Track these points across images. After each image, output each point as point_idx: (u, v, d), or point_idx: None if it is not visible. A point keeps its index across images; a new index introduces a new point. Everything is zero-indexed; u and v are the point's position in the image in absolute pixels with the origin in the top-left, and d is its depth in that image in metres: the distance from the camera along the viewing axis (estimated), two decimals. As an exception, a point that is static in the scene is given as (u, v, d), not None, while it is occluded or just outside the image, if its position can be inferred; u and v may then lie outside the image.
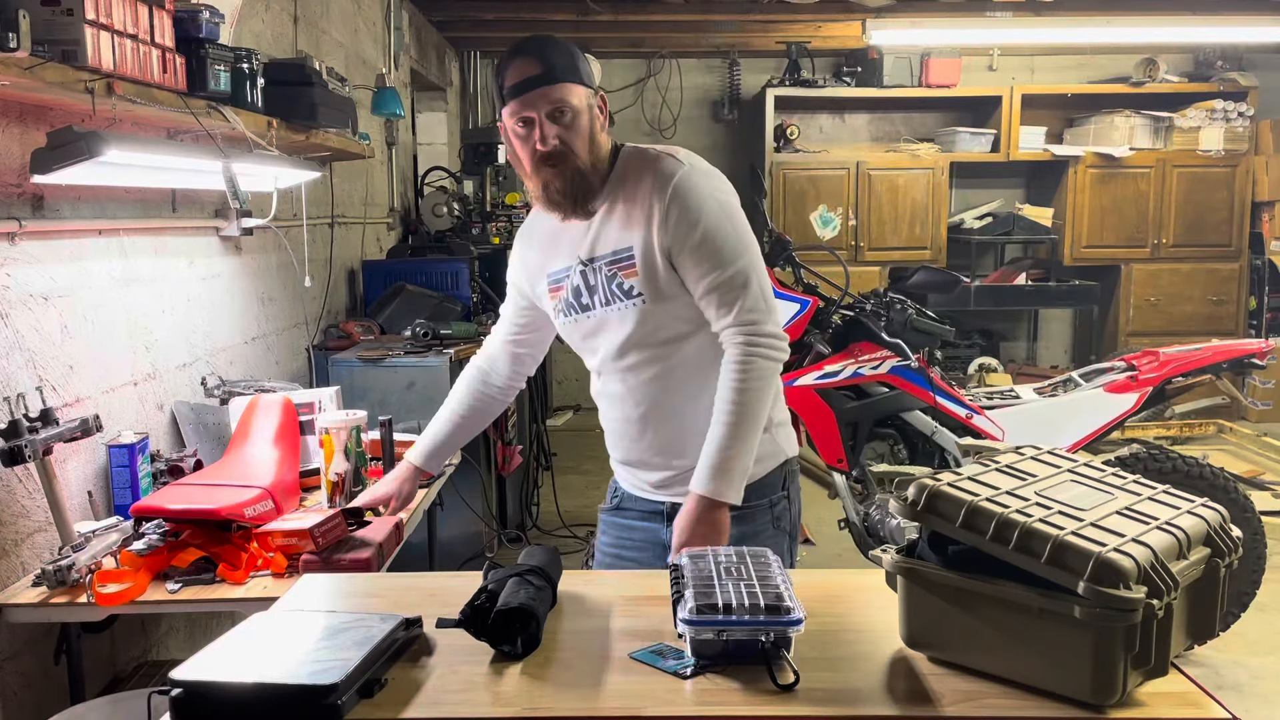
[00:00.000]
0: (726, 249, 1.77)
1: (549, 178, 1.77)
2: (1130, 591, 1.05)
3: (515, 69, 1.74)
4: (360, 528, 2.12)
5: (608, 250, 1.82)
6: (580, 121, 1.76)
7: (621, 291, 1.81)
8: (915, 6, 5.81)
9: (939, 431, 3.67)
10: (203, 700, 1.09)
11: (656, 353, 1.83)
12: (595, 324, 1.87)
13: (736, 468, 1.72)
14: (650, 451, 1.89)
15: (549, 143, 1.74)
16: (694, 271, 1.77)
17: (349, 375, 3.46)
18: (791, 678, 1.16)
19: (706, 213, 1.77)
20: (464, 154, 6.15)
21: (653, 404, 1.86)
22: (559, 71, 1.74)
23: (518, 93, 1.73)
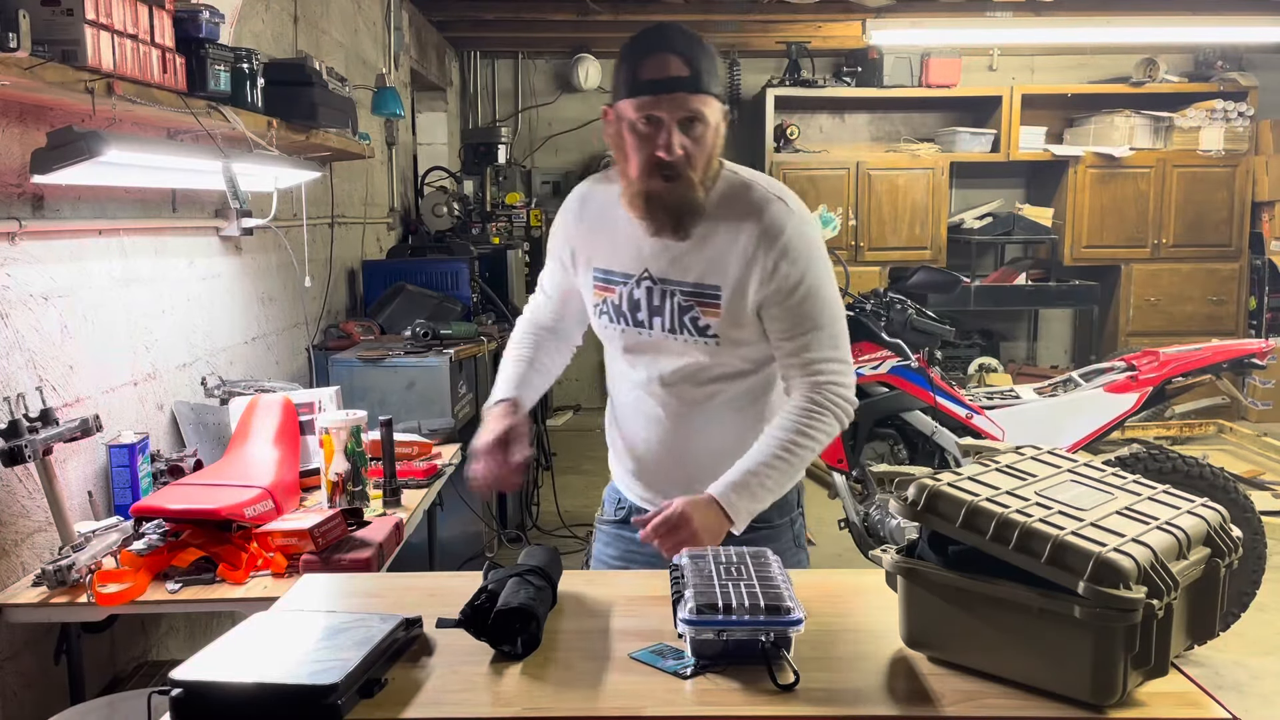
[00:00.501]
0: (826, 311, 1.69)
1: (658, 189, 1.62)
2: (1130, 591, 1.05)
3: (656, 62, 1.59)
4: (360, 528, 2.12)
5: (689, 279, 1.69)
6: (708, 138, 1.63)
7: (695, 327, 1.70)
8: (915, 6, 5.81)
9: (939, 431, 3.67)
10: (203, 700, 1.09)
11: (710, 388, 1.75)
12: (649, 344, 1.75)
13: (760, 500, 1.64)
14: (674, 478, 1.78)
15: (674, 152, 1.59)
16: (784, 325, 1.68)
17: (349, 375, 3.46)
18: (791, 678, 1.16)
19: (812, 272, 1.68)
20: (464, 154, 6.16)
21: (693, 434, 1.77)
22: (704, 79, 1.60)
23: (655, 90, 1.58)
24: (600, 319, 1.80)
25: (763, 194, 1.70)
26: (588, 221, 1.79)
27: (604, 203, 1.77)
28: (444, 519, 3.38)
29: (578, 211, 1.82)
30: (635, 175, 1.64)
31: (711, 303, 1.68)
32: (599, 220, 1.77)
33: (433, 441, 2.94)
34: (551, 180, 7.28)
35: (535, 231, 6.25)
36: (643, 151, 1.61)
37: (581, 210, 1.81)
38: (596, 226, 1.78)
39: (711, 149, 1.64)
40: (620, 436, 1.88)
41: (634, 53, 1.62)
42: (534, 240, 6.22)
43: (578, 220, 1.81)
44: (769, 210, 1.67)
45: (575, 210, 1.82)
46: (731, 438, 1.73)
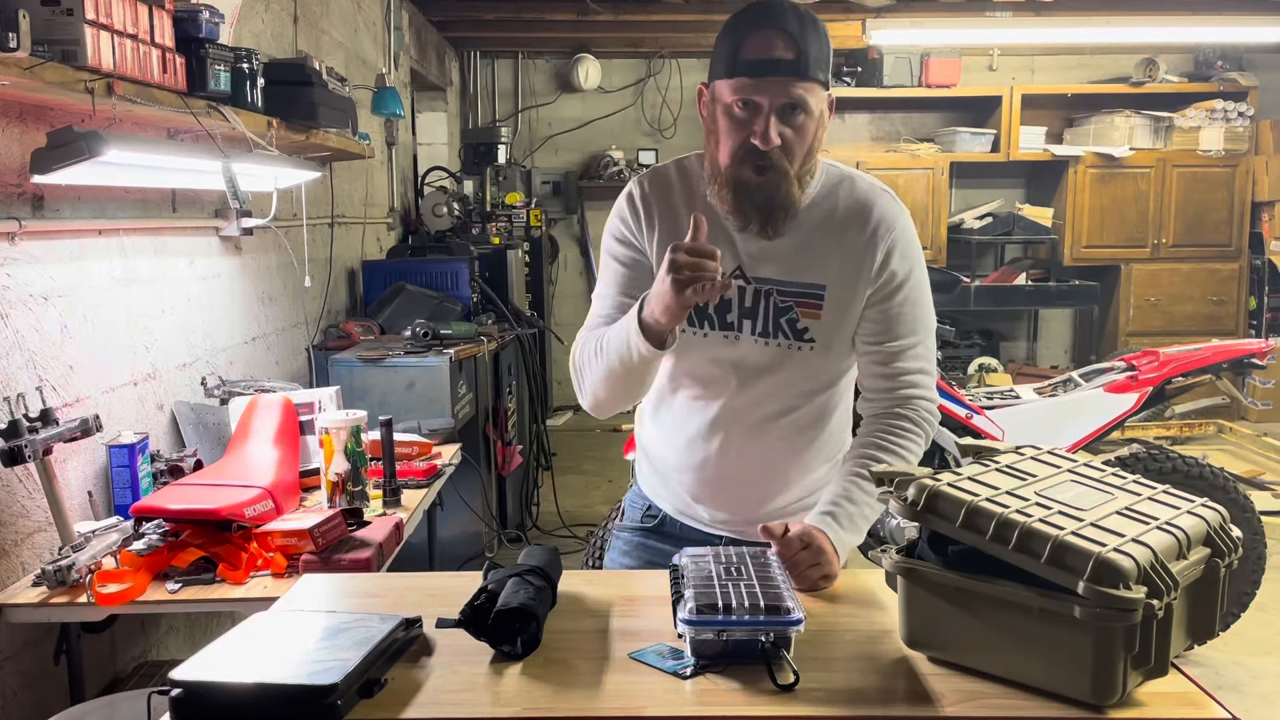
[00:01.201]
0: (923, 318, 1.62)
1: (749, 180, 1.49)
2: (1130, 591, 1.05)
3: (762, 40, 1.45)
4: (360, 528, 2.12)
5: (789, 278, 1.58)
6: (809, 128, 1.50)
7: (791, 330, 1.58)
8: (915, 6, 5.81)
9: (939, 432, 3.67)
10: (202, 700, 1.09)
11: (791, 402, 1.63)
12: (732, 348, 1.61)
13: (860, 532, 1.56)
14: (728, 495, 1.69)
15: (771, 141, 1.46)
16: (878, 328, 1.59)
17: (349, 375, 3.46)
18: (791, 678, 1.16)
19: (916, 274, 1.60)
20: (464, 154, 6.16)
21: (764, 452, 1.65)
22: (812, 65, 1.46)
23: (757, 71, 1.45)
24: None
25: (870, 186, 1.62)
26: (669, 203, 1.62)
27: (685, 189, 1.62)
28: (444, 519, 3.38)
29: (656, 194, 1.63)
30: (726, 162, 1.51)
31: (813, 304, 1.57)
32: (681, 208, 1.60)
33: (433, 441, 2.94)
34: (551, 180, 7.28)
35: (535, 231, 6.25)
36: (736, 137, 1.48)
37: (659, 193, 1.63)
38: (679, 214, 1.60)
39: (813, 141, 1.51)
40: (666, 444, 1.72)
41: (738, 28, 1.47)
42: (534, 240, 6.22)
43: (657, 202, 1.62)
44: (880, 202, 1.59)
45: (651, 192, 1.63)
46: (795, 462, 1.67)
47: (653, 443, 1.78)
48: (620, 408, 1.67)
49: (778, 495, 1.69)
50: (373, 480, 2.41)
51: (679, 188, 1.63)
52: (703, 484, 1.69)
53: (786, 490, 1.69)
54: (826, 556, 1.47)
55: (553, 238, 7.30)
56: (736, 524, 1.70)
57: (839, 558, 1.50)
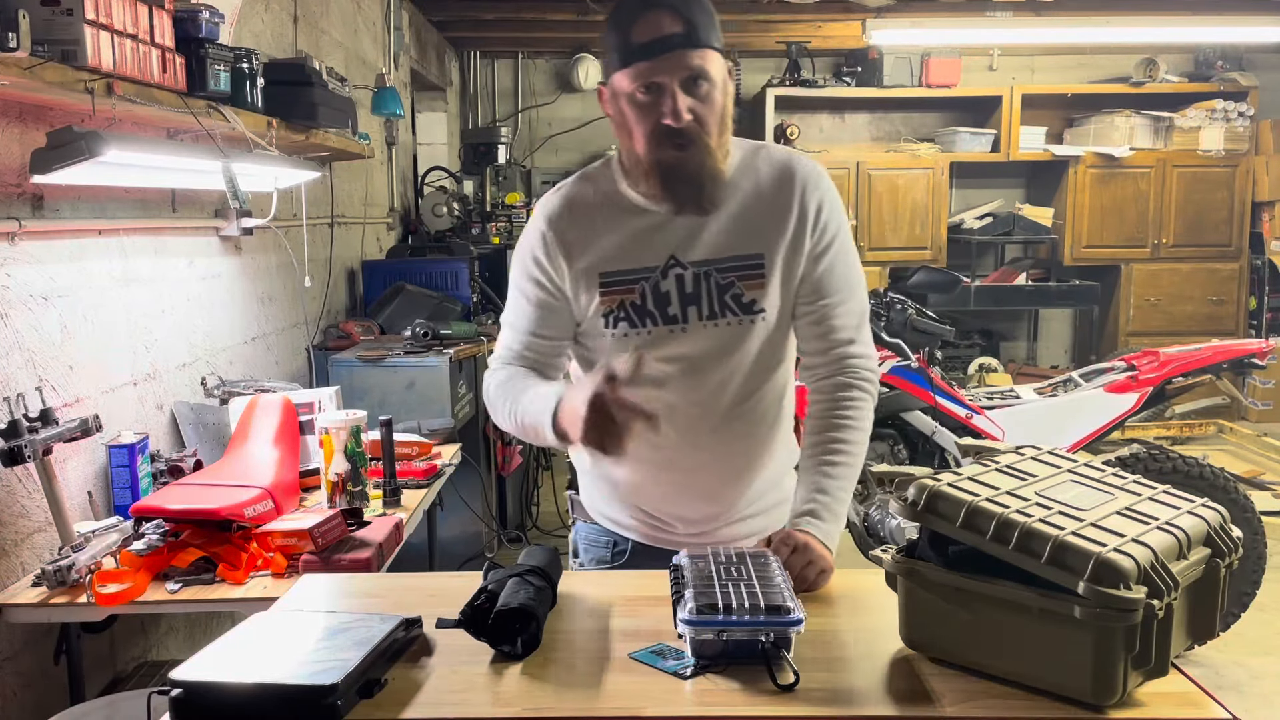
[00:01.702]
0: (856, 271, 1.63)
1: (671, 159, 1.47)
2: (1130, 591, 1.05)
3: (647, 22, 1.43)
4: (360, 528, 2.12)
5: (725, 254, 1.55)
6: (716, 95, 1.48)
7: (738, 305, 1.56)
8: (915, 6, 5.81)
9: (939, 431, 3.67)
10: (202, 700, 1.09)
11: (751, 383, 1.60)
12: (681, 340, 1.57)
13: (842, 517, 1.56)
14: (701, 497, 1.65)
15: (683, 117, 1.44)
16: (814, 288, 1.59)
17: (349, 375, 3.46)
18: (791, 678, 1.16)
19: (844, 232, 1.61)
20: (464, 154, 6.16)
21: (732, 441, 1.62)
22: (702, 32, 1.44)
23: (650, 53, 1.43)
24: (615, 329, 1.58)
25: (785, 150, 1.63)
26: (582, 225, 1.58)
27: (597, 199, 1.59)
28: (444, 519, 3.38)
29: (560, 223, 1.59)
30: (643, 150, 1.48)
31: (755, 273, 1.56)
32: (596, 220, 1.58)
33: (433, 441, 2.94)
34: (551, 180, 7.26)
35: (535, 231, 6.23)
36: (647, 122, 1.46)
37: (567, 221, 1.59)
38: (592, 230, 1.57)
39: (723, 108, 1.50)
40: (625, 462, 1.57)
41: (622, 17, 1.46)
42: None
43: (569, 228, 1.58)
44: (798, 161, 1.60)
45: (557, 223, 1.59)
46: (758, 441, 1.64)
47: (604, 463, 1.66)
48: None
49: (751, 484, 1.66)
50: (373, 480, 2.42)
51: (589, 200, 1.60)
52: (673, 494, 1.64)
53: (760, 477, 1.67)
54: (816, 553, 1.48)
55: (553, 238, 7.28)
56: (714, 529, 1.66)
57: (829, 550, 1.51)
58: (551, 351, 1.65)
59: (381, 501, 2.40)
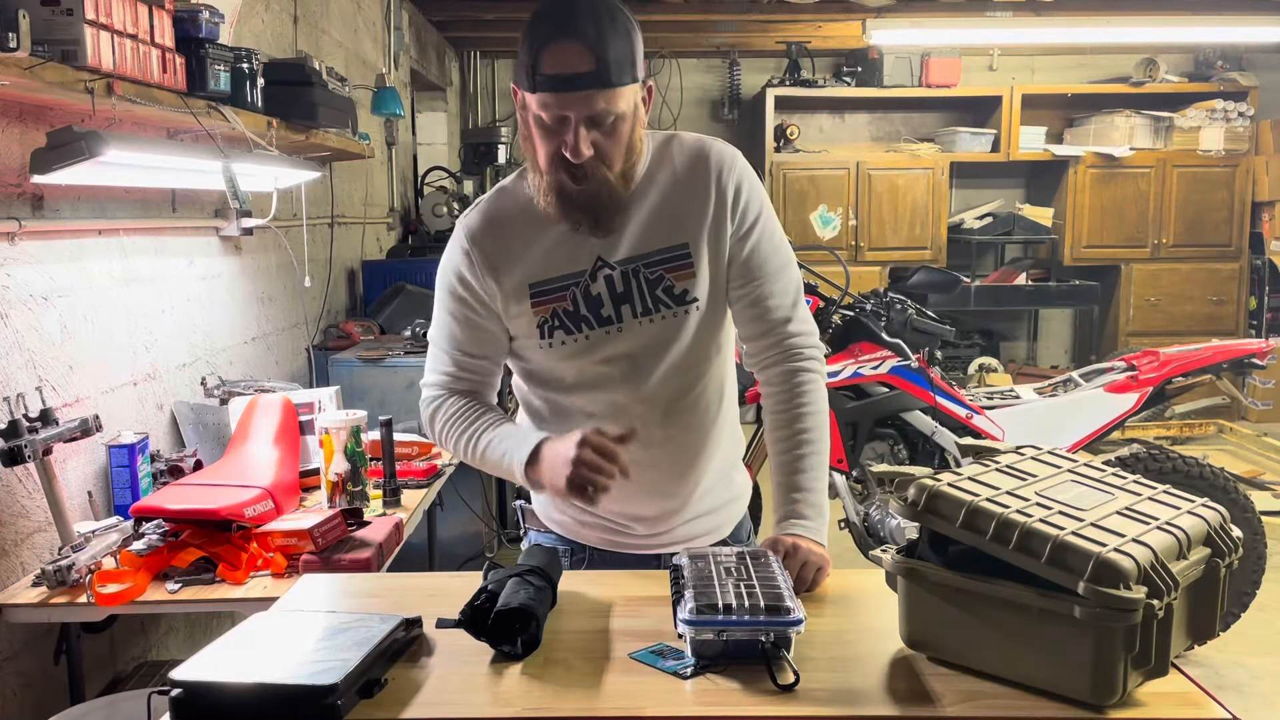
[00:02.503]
0: (784, 247, 1.61)
1: (567, 186, 1.46)
2: (1130, 591, 1.05)
3: (558, 54, 1.39)
4: (360, 528, 2.12)
5: (651, 249, 1.54)
6: (622, 129, 1.45)
7: (670, 297, 1.54)
8: (915, 6, 5.81)
9: (939, 431, 3.67)
10: (202, 700, 1.09)
11: (693, 374, 1.59)
12: (619, 340, 1.55)
13: (824, 509, 1.57)
14: (658, 496, 1.63)
15: (581, 155, 1.42)
16: (744, 270, 1.57)
17: (349, 375, 3.46)
18: (791, 678, 1.16)
19: (766, 204, 1.60)
20: (464, 154, 6.15)
21: (683, 434, 1.60)
22: (613, 71, 1.39)
23: (555, 87, 1.40)
24: (550, 339, 1.56)
25: (696, 136, 1.60)
26: (505, 240, 1.56)
27: (517, 211, 1.57)
28: (444, 519, 3.38)
29: (488, 235, 1.57)
30: (544, 168, 1.48)
31: (684, 264, 1.54)
32: (518, 233, 1.56)
33: (433, 442, 2.94)
34: (551, 180, 7.27)
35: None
36: (548, 145, 1.45)
37: (492, 232, 1.57)
38: (520, 240, 1.56)
39: (628, 138, 1.47)
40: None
41: (534, 36, 1.42)
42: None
43: (493, 244, 1.57)
44: (711, 147, 1.57)
45: (484, 235, 1.57)
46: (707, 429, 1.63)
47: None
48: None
49: (701, 479, 1.64)
50: (373, 480, 2.42)
51: (510, 214, 1.58)
52: (626, 494, 1.57)
53: (708, 471, 1.65)
54: (807, 553, 1.48)
55: (553, 238, 7.29)
56: (669, 529, 1.65)
57: (820, 545, 1.51)
58: (485, 371, 1.64)
59: (381, 501, 2.40)
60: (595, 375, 1.58)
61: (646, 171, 1.55)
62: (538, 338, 1.57)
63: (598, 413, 1.58)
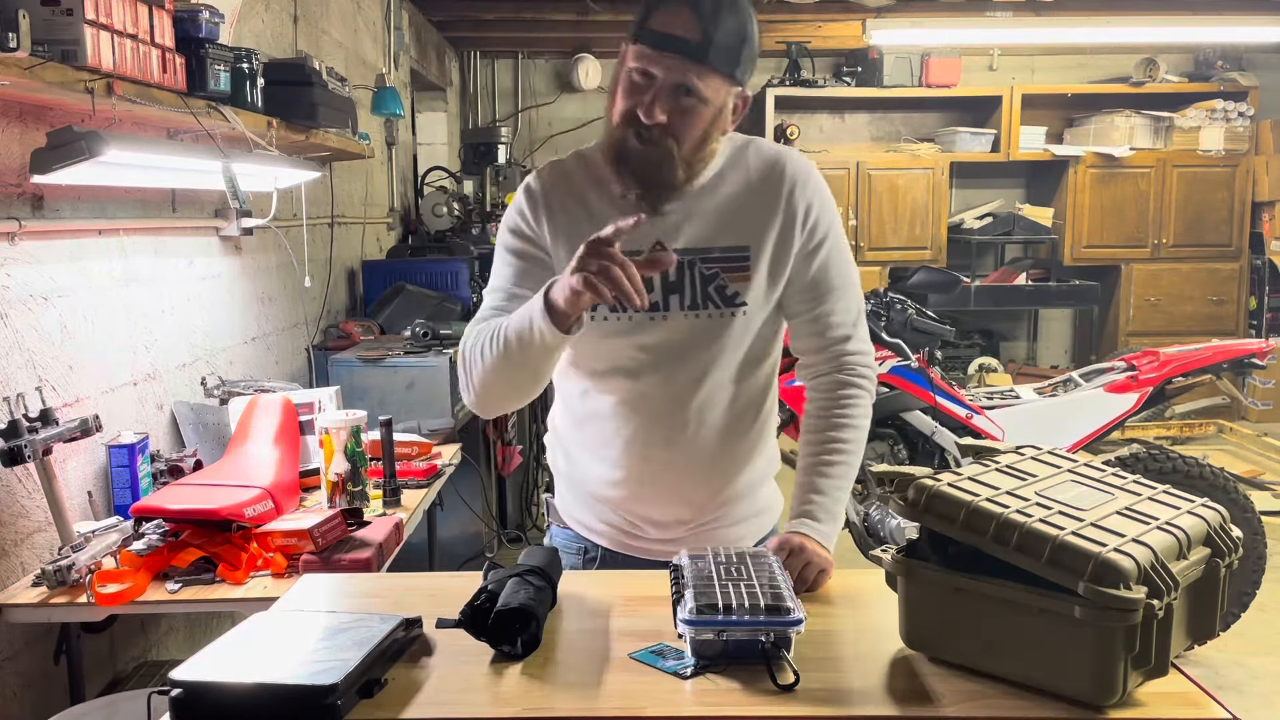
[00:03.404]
0: (850, 268, 1.61)
1: (632, 146, 1.45)
2: (1130, 592, 1.05)
3: (668, 14, 1.40)
4: (360, 528, 2.12)
5: (712, 245, 1.53)
6: (701, 115, 1.44)
7: (720, 297, 1.53)
8: (915, 6, 5.81)
9: (939, 431, 3.67)
10: (202, 700, 1.09)
11: (728, 377, 1.58)
12: (659, 329, 1.54)
13: (839, 518, 1.56)
14: (677, 500, 1.61)
15: (653, 116, 1.41)
16: (808, 286, 1.57)
17: (349, 375, 3.46)
18: (791, 678, 1.16)
19: (836, 224, 1.59)
20: (464, 154, 6.15)
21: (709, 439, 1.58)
22: (713, 53, 1.40)
23: (656, 44, 1.40)
24: (594, 313, 1.52)
25: (775, 145, 1.61)
26: (570, 197, 1.56)
27: (588, 181, 1.56)
28: (444, 519, 3.38)
29: (557, 189, 1.57)
30: (615, 121, 1.48)
31: (740, 266, 1.53)
32: (583, 201, 1.55)
33: (433, 441, 2.94)
34: (551, 180, 7.27)
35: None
36: (627, 102, 1.45)
37: (561, 188, 1.56)
38: (584, 203, 1.55)
39: (704, 131, 1.46)
40: (596, 460, 1.63)
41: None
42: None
43: (558, 199, 1.55)
44: (789, 156, 1.58)
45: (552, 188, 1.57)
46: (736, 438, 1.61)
47: (578, 463, 1.67)
48: (509, 405, 1.61)
49: (722, 490, 1.62)
50: (373, 480, 2.42)
51: (580, 178, 1.58)
52: (647, 496, 1.59)
53: (732, 484, 1.62)
54: (811, 554, 1.47)
55: (553, 238, 7.29)
56: (683, 536, 1.62)
57: (826, 549, 1.51)
58: None
59: (381, 501, 2.40)
60: (630, 362, 1.56)
61: (719, 170, 1.55)
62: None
63: (626, 401, 1.57)
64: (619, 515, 1.66)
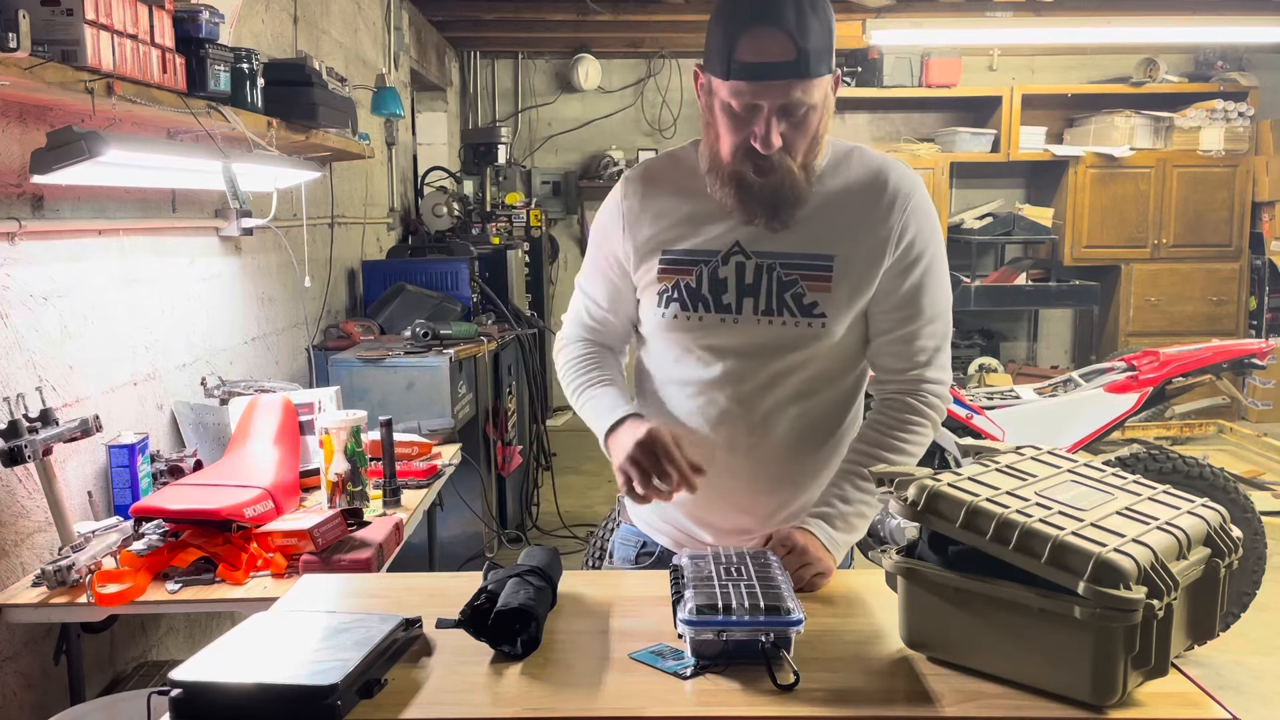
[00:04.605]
0: (942, 296, 1.54)
1: (752, 179, 1.43)
2: (1130, 592, 1.05)
3: (758, 41, 1.35)
4: (360, 528, 2.12)
5: (793, 250, 1.48)
6: (812, 119, 1.41)
7: (797, 306, 1.48)
8: (915, 6, 5.81)
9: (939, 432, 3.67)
10: (202, 700, 1.09)
11: (800, 390, 1.53)
12: (731, 332, 1.51)
13: (858, 532, 1.52)
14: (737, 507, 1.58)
15: (771, 146, 1.39)
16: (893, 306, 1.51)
17: (349, 375, 3.46)
18: (791, 678, 1.16)
19: (934, 245, 1.52)
20: (464, 154, 6.15)
21: (776, 450, 1.54)
22: (812, 61, 1.36)
23: (755, 75, 1.36)
24: (666, 309, 1.53)
25: (883, 155, 1.55)
26: (657, 200, 1.55)
27: (676, 178, 1.55)
28: (444, 519, 3.38)
29: (640, 192, 1.57)
30: (726, 158, 1.45)
31: (821, 276, 1.48)
32: (672, 197, 1.54)
33: (433, 441, 2.94)
34: (551, 180, 7.28)
35: (535, 231, 6.25)
36: (736, 136, 1.42)
37: (646, 189, 1.56)
38: (669, 204, 1.54)
39: (818, 129, 1.43)
40: None
41: (732, 21, 1.37)
42: (534, 240, 6.22)
43: (642, 201, 1.56)
44: (895, 168, 1.52)
45: (637, 191, 1.57)
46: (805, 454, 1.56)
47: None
48: None
49: (787, 503, 1.58)
50: (373, 480, 2.41)
51: (669, 176, 1.57)
52: (708, 500, 1.55)
53: (797, 499, 1.58)
54: (811, 554, 1.45)
55: (553, 238, 7.30)
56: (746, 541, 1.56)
57: (833, 555, 1.48)
58: (609, 325, 1.68)
59: (381, 501, 2.40)
60: (698, 363, 1.54)
61: (821, 172, 1.51)
62: (655, 304, 1.55)
63: (693, 400, 1.56)
64: (681, 516, 1.63)
